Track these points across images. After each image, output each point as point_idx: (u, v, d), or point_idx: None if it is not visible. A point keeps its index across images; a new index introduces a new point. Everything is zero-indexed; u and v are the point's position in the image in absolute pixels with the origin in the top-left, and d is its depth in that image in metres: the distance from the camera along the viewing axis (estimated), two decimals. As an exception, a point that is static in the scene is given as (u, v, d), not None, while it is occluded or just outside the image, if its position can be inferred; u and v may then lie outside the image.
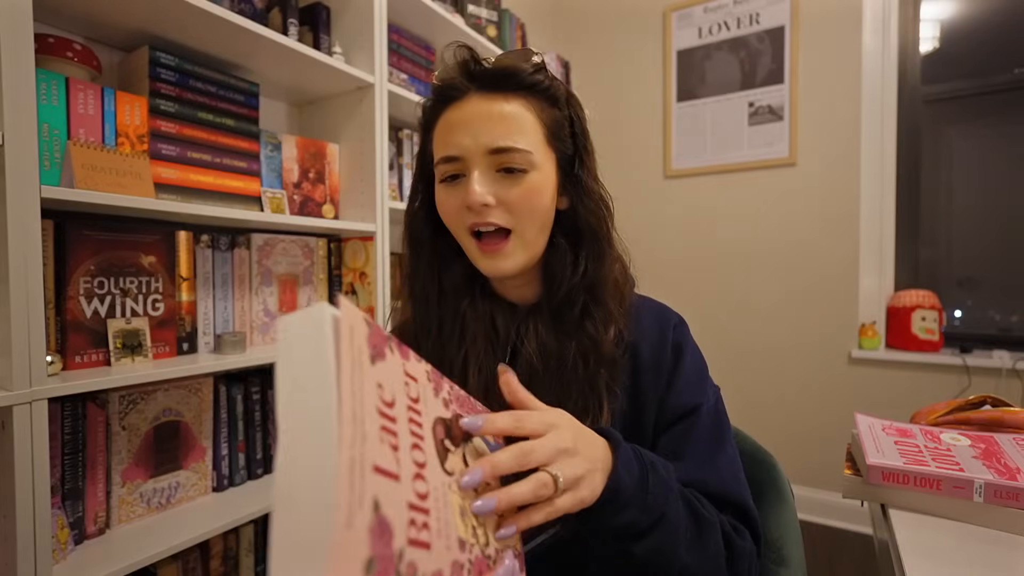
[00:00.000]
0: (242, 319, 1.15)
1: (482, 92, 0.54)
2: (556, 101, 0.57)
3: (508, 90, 0.54)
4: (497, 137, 0.52)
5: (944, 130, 2.02)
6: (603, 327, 0.56)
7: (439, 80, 0.56)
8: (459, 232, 0.57)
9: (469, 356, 0.58)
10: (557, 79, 0.58)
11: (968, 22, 1.96)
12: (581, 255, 0.57)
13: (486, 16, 1.75)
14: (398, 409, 0.31)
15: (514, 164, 0.53)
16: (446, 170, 0.55)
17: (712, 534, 0.48)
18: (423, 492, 0.31)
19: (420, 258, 0.62)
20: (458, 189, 0.55)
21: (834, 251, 2.02)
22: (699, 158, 2.26)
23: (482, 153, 0.53)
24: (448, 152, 0.54)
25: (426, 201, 0.61)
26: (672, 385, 0.57)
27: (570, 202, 0.58)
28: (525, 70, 0.54)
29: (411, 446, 0.31)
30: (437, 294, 0.61)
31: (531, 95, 0.55)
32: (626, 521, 0.42)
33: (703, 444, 0.55)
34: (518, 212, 0.54)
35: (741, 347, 2.19)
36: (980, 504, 0.57)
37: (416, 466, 0.31)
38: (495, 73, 0.54)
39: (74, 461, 0.87)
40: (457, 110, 0.54)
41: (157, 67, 0.97)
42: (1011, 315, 1.93)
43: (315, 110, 1.40)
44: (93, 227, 0.91)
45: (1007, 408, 0.78)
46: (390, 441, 0.29)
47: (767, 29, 2.11)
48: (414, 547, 0.28)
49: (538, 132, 0.54)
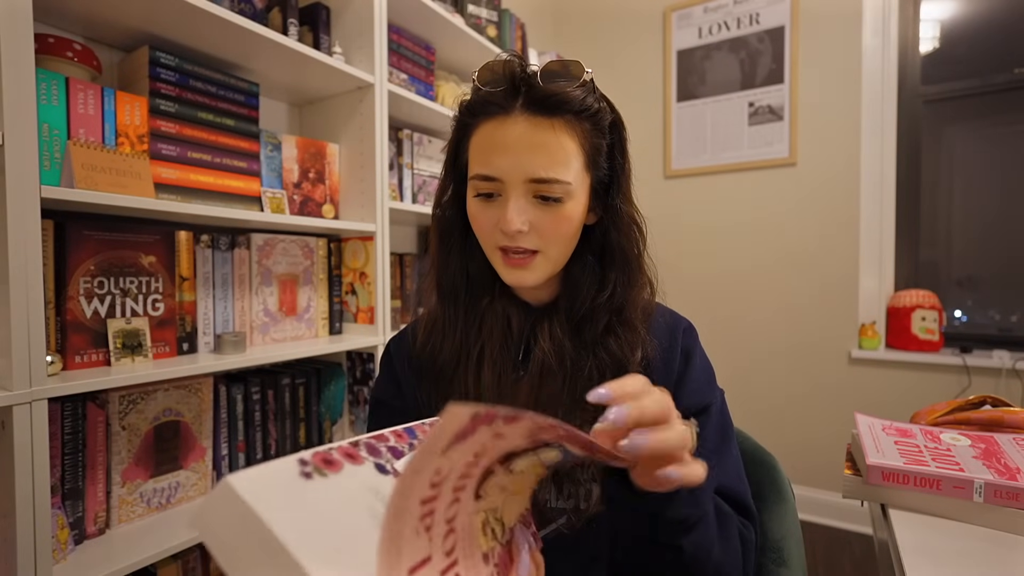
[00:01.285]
0: (242, 319, 1.15)
1: (529, 113, 0.52)
2: (600, 127, 0.55)
3: (557, 114, 0.52)
4: (539, 167, 0.51)
5: (944, 130, 2.02)
6: (630, 349, 0.56)
7: (483, 84, 0.54)
8: (487, 245, 0.57)
9: (485, 349, 0.59)
10: (605, 100, 0.56)
11: (968, 22, 1.96)
12: (611, 276, 0.58)
13: (486, 16, 1.75)
14: (448, 480, 0.30)
15: (552, 194, 0.52)
16: (482, 187, 0.54)
17: (734, 530, 0.51)
18: (450, 548, 0.31)
19: (451, 252, 0.62)
20: (492, 208, 0.54)
21: (834, 251, 2.02)
22: (699, 158, 2.26)
23: (522, 180, 0.52)
24: (487, 172, 0.53)
25: (456, 195, 0.61)
26: (682, 388, 0.58)
27: (599, 218, 0.59)
28: (576, 98, 0.52)
29: (447, 506, 0.30)
30: (465, 288, 0.61)
31: (578, 120, 0.53)
32: (681, 515, 0.44)
33: (711, 444, 0.56)
34: (548, 237, 0.54)
35: (741, 347, 2.19)
36: (980, 504, 0.57)
37: (447, 523, 0.31)
38: (546, 97, 0.51)
39: (74, 461, 0.87)
40: (500, 128, 0.52)
41: (157, 67, 0.97)
42: (1011, 315, 1.93)
43: (315, 110, 1.40)
44: (93, 227, 0.91)
45: (1007, 408, 0.78)
46: (425, 525, 0.29)
47: (767, 29, 2.11)
48: None
49: (579, 160, 0.53)
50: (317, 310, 1.31)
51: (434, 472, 0.27)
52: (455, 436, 0.26)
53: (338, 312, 1.36)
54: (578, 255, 0.59)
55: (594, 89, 0.55)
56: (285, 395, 1.22)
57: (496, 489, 0.36)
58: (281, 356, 1.10)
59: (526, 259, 0.55)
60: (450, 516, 0.31)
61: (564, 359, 0.57)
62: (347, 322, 1.37)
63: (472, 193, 0.56)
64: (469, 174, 0.56)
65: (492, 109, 0.53)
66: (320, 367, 1.31)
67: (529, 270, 0.55)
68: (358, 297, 1.35)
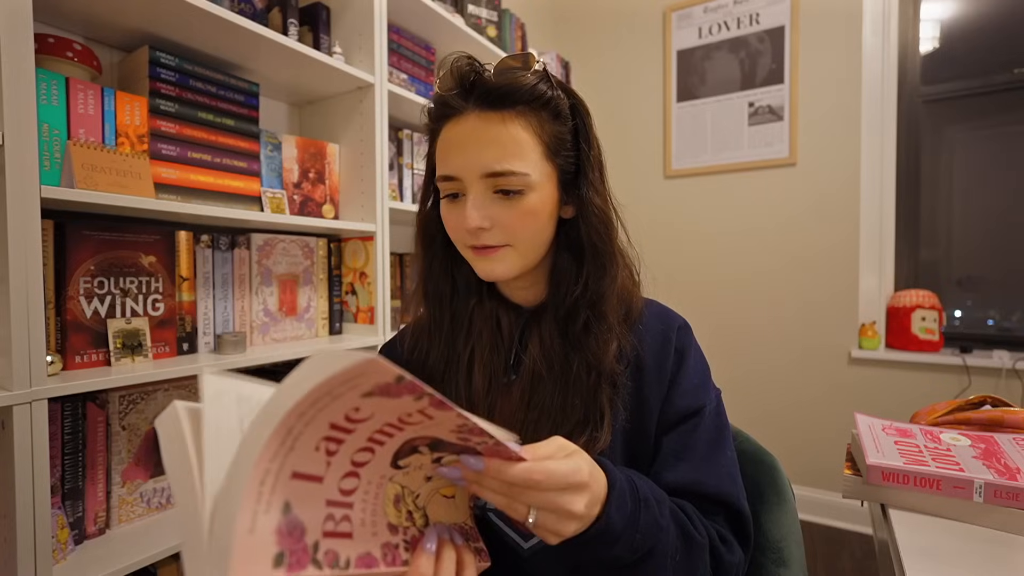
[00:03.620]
0: (242, 319, 1.15)
1: (480, 109, 0.52)
2: (559, 114, 0.55)
3: (507, 107, 0.52)
4: (492, 161, 0.51)
5: (944, 130, 2.02)
6: (603, 343, 0.56)
7: (438, 90, 0.55)
8: (459, 245, 0.58)
9: (475, 353, 0.59)
10: (562, 87, 0.56)
11: (968, 22, 1.96)
12: (584, 270, 0.57)
13: (486, 16, 1.75)
14: (365, 424, 0.31)
15: (510, 187, 0.52)
16: (445, 188, 0.55)
17: (701, 556, 0.49)
18: (349, 488, 0.33)
19: (434, 258, 0.62)
20: (457, 208, 0.55)
21: (834, 251, 2.02)
22: (699, 158, 2.26)
23: (478, 176, 0.52)
24: (446, 171, 0.54)
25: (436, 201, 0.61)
26: (675, 388, 0.57)
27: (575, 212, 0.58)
28: (526, 85, 0.52)
29: (357, 449, 0.32)
30: (450, 293, 0.61)
31: (532, 109, 0.53)
32: (611, 555, 0.43)
33: (704, 446, 0.55)
34: (513, 232, 0.54)
35: (741, 347, 2.19)
36: (980, 504, 0.57)
37: (352, 465, 0.33)
38: (493, 90, 0.52)
39: (74, 461, 0.87)
40: (455, 128, 0.53)
41: (157, 67, 0.97)
42: (1011, 315, 1.93)
43: (315, 110, 1.40)
44: (93, 227, 0.91)
45: (1007, 408, 0.78)
46: (327, 448, 0.30)
47: (767, 29, 2.11)
48: (331, 538, 0.32)
49: (536, 150, 0.53)
50: (317, 310, 1.31)
51: (352, 408, 0.29)
52: (378, 387, 0.28)
53: (338, 312, 1.36)
54: (560, 251, 0.58)
55: (547, 77, 0.54)
56: (285, 395, 1.22)
57: (418, 470, 0.37)
58: (281, 356, 1.10)
59: (494, 249, 0.54)
60: (358, 460, 0.33)
61: (553, 364, 0.56)
62: (347, 322, 1.37)
63: (442, 195, 0.56)
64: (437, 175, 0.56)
65: (448, 111, 0.54)
66: (320, 367, 1.30)
67: (498, 260, 0.55)
68: (358, 297, 1.35)
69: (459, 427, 0.33)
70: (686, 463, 0.54)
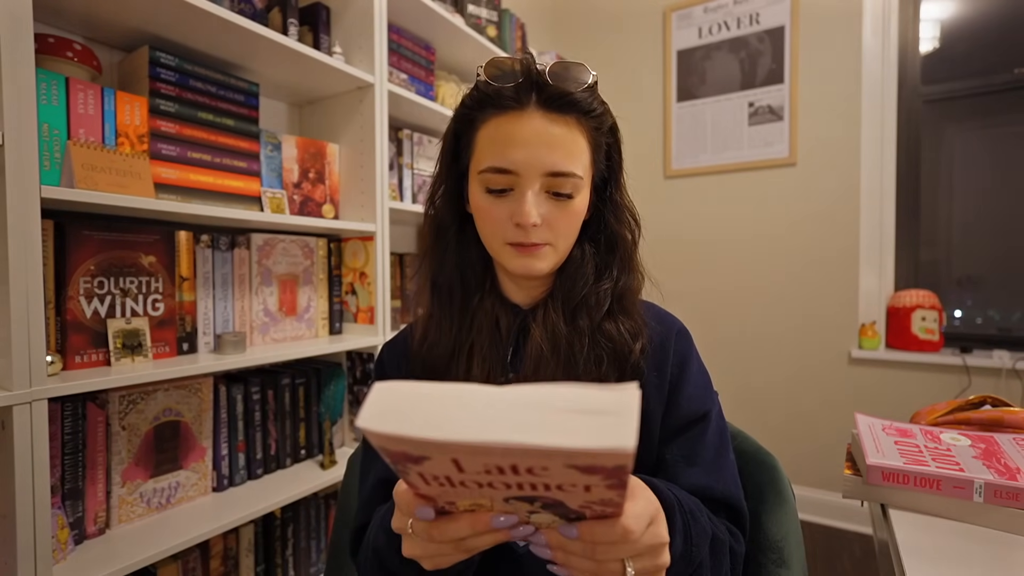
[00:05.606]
0: (242, 319, 1.15)
1: (543, 109, 0.53)
2: (602, 128, 0.57)
3: (568, 112, 0.53)
4: (558, 161, 0.52)
5: (944, 130, 2.02)
6: (630, 336, 0.57)
7: (494, 79, 0.54)
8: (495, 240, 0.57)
9: (475, 346, 0.59)
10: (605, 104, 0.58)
11: (968, 22, 1.96)
12: (612, 263, 0.59)
13: (486, 16, 1.75)
14: (533, 478, 0.29)
15: (564, 189, 0.53)
16: (495, 181, 0.54)
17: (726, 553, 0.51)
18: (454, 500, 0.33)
19: (447, 249, 0.62)
20: (506, 202, 0.54)
21: (834, 251, 2.02)
22: (699, 158, 2.26)
23: (539, 174, 0.53)
24: (502, 164, 0.53)
25: (451, 192, 0.61)
26: (679, 394, 0.58)
27: (595, 212, 0.60)
28: (585, 99, 0.54)
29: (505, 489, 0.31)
30: (461, 286, 0.61)
31: (584, 118, 0.55)
32: (672, 573, 0.42)
33: (712, 450, 0.56)
34: (558, 231, 0.55)
35: (741, 347, 2.19)
36: (980, 504, 0.57)
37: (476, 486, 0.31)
38: (560, 95, 0.53)
39: (74, 461, 0.87)
40: (516, 122, 0.53)
41: (157, 67, 0.97)
42: (1011, 315, 1.93)
43: (315, 110, 1.40)
44: (93, 227, 0.91)
45: (1007, 408, 0.78)
46: (484, 479, 0.30)
47: (767, 29, 2.11)
48: None
49: (587, 157, 0.55)
50: (317, 310, 1.31)
51: (542, 466, 0.27)
52: (592, 468, 0.26)
53: (338, 312, 1.36)
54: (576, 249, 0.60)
55: (597, 92, 0.56)
56: (285, 395, 1.22)
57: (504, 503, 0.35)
58: (281, 356, 1.10)
59: (537, 247, 0.55)
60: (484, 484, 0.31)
61: (559, 344, 0.56)
62: (347, 322, 1.37)
63: (481, 188, 0.55)
64: (476, 168, 0.55)
65: (505, 103, 0.53)
66: (320, 367, 1.31)
67: (539, 258, 0.55)
68: (358, 297, 1.35)
69: (602, 501, 0.31)
70: (697, 468, 0.55)
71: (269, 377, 1.19)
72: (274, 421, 1.19)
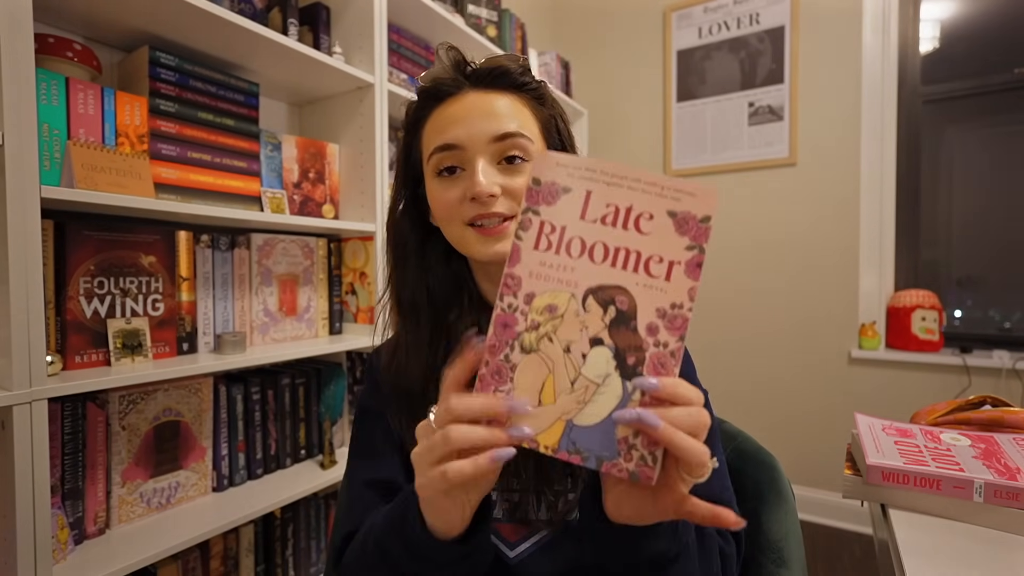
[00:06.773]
0: (242, 319, 1.15)
1: (477, 88, 0.54)
2: (544, 101, 0.57)
3: (501, 88, 0.55)
4: (499, 125, 0.52)
5: (944, 130, 2.02)
6: None
7: (430, 80, 0.56)
8: (455, 225, 0.55)
9: None
10: (543, 81, 0.59)
11: (968, 22, 1.96)
12: None
13: (486, 16, 1.75)
14: (633, 237, 0.37)
15: (516, 152, 0.53)
16: (444, 160, 0.53)
17: (714, 552, 0.50)
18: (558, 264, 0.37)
19: (407, 267, 0.60)
20: (457, 181, 0.53)
21: (834, 251, 2.02)
22: (699, 158, 2.26)
23: (485, 142, 0.52)
24: (447, 140, 0.53)
25: (410, 206, 0.60)
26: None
27: None
28: (516, 70, 0.55)
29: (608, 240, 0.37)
30: (427, 302, 0.59)
31: (522, 93, 0.56)
32: (659, 550, 0.41)
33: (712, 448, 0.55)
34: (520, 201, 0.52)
35: (741, 347, 2.19)
36: (980, 504, 0.57)
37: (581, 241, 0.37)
38: (490, 71, 0.54)
39: (74, 461, 0.87)
40: (453, 104, 0.54)
41: (157, 67, 0.97)
42: (1011, 315, 1.93)
43: (315, 110, 1.40)
44: (93, 227, 0.91)
45: (1007, 408, 0.78)
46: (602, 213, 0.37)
47: (767, 29, 2.11)
48: None
49: (535, 126, 0.55)
50: (317, 310, 1.31)
51: (648, 213, 0.37)
52: (683, 214, 0.38)
53: (338, 312, 1.36)
54: None
55: (530, 71, 0.57)
56: (285, 395, 1.22)
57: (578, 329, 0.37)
58: (281, 356, 1.10)
59: (503, 226, 0.53)
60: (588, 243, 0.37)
61: None
62: (347, 322, 1.37)
63: (432, 173, 0.55)
64: (426, 156, 0.55)
65: (442, 93, 0.55)
66: (320, 367, 1.31)
67: (504, 237, 0.53)
68: (358, 297, 1.35)
69: (672, 305, 0.36)
70: None
71: (269, 377, 1.19)
72: (274, 421, 1.19)
